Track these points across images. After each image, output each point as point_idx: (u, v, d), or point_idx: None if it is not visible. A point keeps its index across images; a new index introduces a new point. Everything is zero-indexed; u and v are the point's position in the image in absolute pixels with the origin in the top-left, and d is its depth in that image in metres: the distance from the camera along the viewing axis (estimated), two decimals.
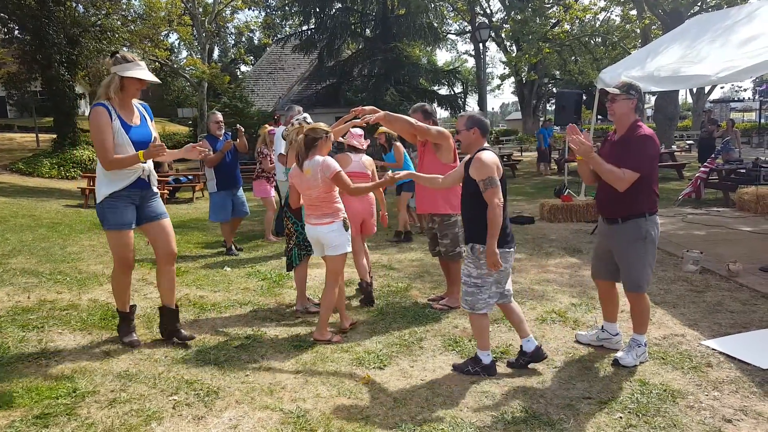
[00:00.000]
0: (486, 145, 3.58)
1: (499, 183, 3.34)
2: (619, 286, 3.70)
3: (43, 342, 3.96)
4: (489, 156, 3.40)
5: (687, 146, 23.57)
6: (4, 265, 6.02)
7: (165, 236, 3.84)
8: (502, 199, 3.32)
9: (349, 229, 4.06)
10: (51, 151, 19.34)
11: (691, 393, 3.17)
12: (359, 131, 4.99)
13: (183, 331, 3.99)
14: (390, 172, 3.97)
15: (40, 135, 23.03)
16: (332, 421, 2.91)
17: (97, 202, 3.62)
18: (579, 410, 3.01)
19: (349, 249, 4.09)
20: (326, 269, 4.14)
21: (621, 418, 2.92)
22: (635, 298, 3.55)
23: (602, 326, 3.87)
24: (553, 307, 4.73)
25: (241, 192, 7.23)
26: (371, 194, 4.85)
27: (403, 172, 3.92)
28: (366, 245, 5.15)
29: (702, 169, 10.59)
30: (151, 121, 3.83)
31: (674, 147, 17.42)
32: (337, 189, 4.00)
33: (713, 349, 3.76)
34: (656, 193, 3.49)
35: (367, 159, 5.04)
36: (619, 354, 3.62)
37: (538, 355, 3.55)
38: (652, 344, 3.88)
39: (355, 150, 5.02)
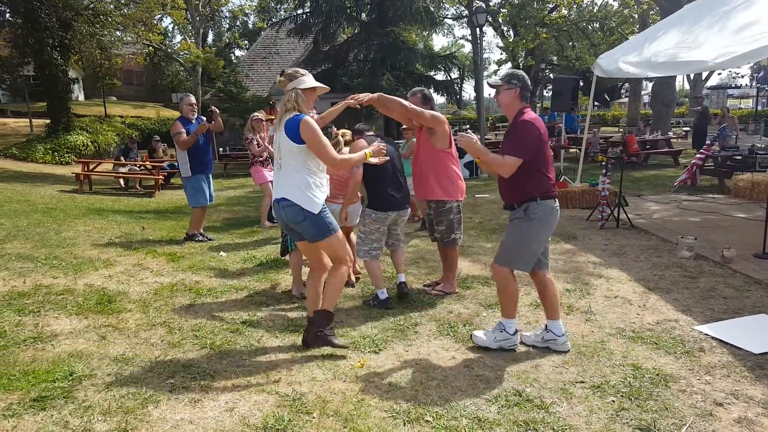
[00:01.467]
0: (367, 134, 4.62)
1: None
2: (557, 281, 3.71)
3: (40, 326, 3.97)
4: (358, 143, 4.42)
5: (683, 133, 23.60)
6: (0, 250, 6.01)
7: None
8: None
9: None
10: (45, 136, 19.18)
11: (683, 377, 3.21)
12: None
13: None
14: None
15: (33, 120, 22.84)
16: (328, 404, 2.94)
17: (314, 213, 3.39)
18: (572, 394, 3.04)
19: None
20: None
21: (614, 401, 2.95)
22: (498, 272, 3.57)
23: (545, 325, 3.67)
24: None
25: (211, 177, 7.08)
26: None
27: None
28: None
29: (698, 155, 10.62)
30: None
31: (671, 133, 17.43)
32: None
33: (706, 335, 3.79)
34: (547, 176, 3.49)
35: None
36: (477, 331, 3.71)
37: (387, 303, 4.44)
38: (646, 329, 3.92)
39: None
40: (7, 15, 18.82)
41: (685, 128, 24.98)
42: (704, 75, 30.45)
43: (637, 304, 4.45)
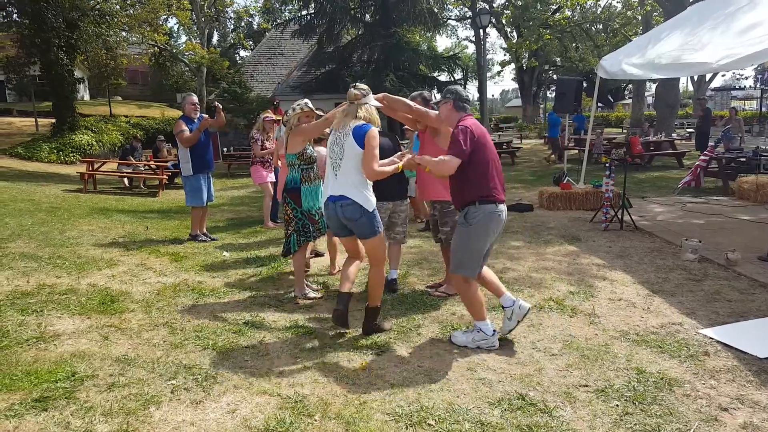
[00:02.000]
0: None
1: None
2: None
3: (43, 326, 3.97)
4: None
5: (687, 134, 23.53)
6: (3, 249, 6.01)
7: None
8: None
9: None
10: (50, 135, 19.25)
11: (687, 381, 3.19)
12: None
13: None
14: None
15: (39, 119, 22.92)
16: (330, 406, 2.93)
17: (369, 211, 3.79)
18: (576, 398, 3.02)
19: None
20: None
21: (617, 405, 2.93)
22: (456, 281, 3.77)
23: (501, 306, 3.82)
24: (551, 295, 4.74)
25: (210, 177, 7.11)
26: None
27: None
28: None
29: (702, 157, 10.57)
30: None
31: (674, 135, 17.38)
32: None
33: (711, 338, 3.77)
34: (487, 180, 3.60)
35: None
36: (455, 332, 3.88)
37: (391, 286, 4.79)
38: (650, 332, 3.89)
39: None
40: (15, 16, 18.91)
41: (689, 130, 24.89)
42: (708, 77, 30.38)
43: (641, 307, 4.43)
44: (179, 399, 3.00)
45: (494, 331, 3.72)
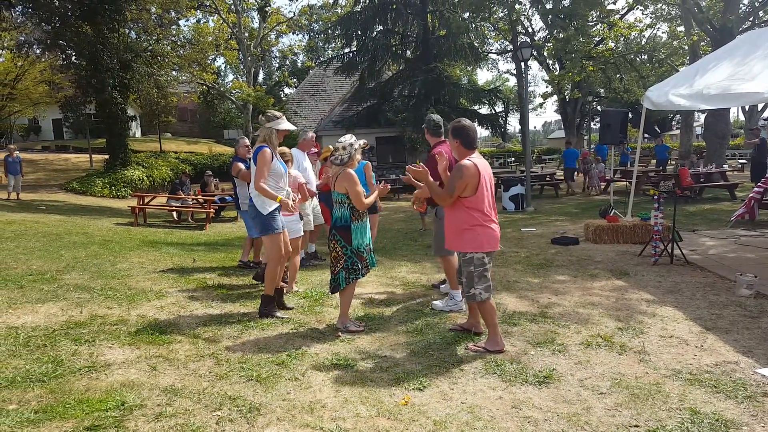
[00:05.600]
0: None
1: None
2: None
3: (94, 356, 4.09)
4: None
5: (740, 165, 22.79)
6: (59, 280, 6.26)
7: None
8: None
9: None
10: (103, 171, 20.15)
11: (745, 423, 3.03)
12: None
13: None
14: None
15: (93, 155, 24.03)
16: None
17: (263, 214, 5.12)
18: None
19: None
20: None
21: None
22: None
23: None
24: (599, 332, 4.61)
25: None
26: None
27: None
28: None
29: (756, 189, 10.21)
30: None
31: (726, 166, 16.87)
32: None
33: None
34: None
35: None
36: (435, 302, 5.45)
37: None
38: (704, 371, 3.73)
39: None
40: (73, 58, 20.08)
41: (741, 161, 24.12)
42: (760, 106, 29.52)
43: (694, 345, 4.26)
44: (224, 430, 3.03)
45: (462, 299, 4.92)
